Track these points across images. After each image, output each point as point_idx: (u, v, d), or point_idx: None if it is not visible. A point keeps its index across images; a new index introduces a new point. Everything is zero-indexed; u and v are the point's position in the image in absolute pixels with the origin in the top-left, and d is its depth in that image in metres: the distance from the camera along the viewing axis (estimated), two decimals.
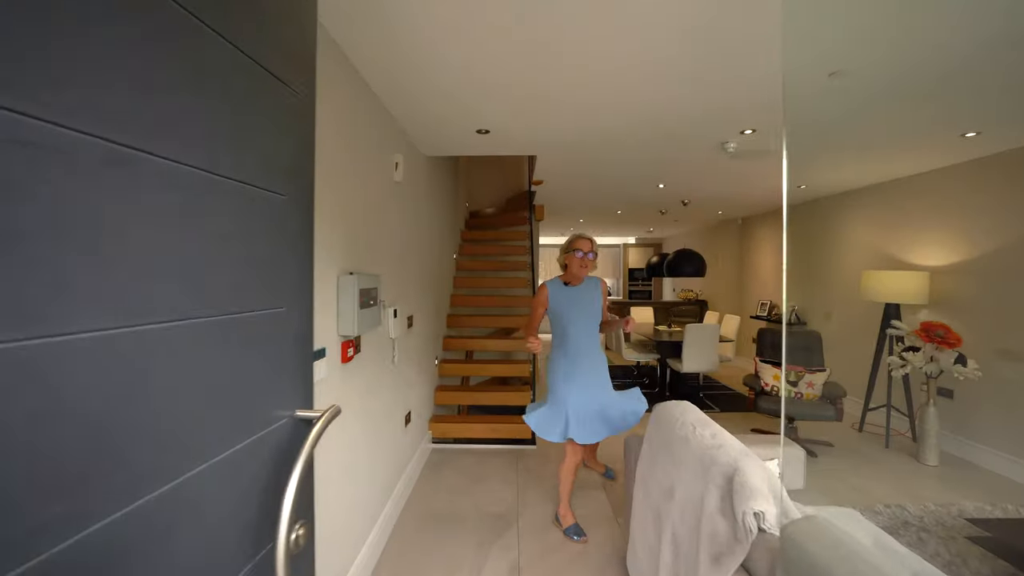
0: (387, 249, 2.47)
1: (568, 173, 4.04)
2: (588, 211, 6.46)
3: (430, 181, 3.59)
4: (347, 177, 1.91)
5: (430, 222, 3.62)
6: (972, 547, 2.26)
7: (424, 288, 3.40)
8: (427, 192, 3.51)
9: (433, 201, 3.73)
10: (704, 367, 4.80)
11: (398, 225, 2.68)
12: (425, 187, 3.45)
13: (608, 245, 11.34)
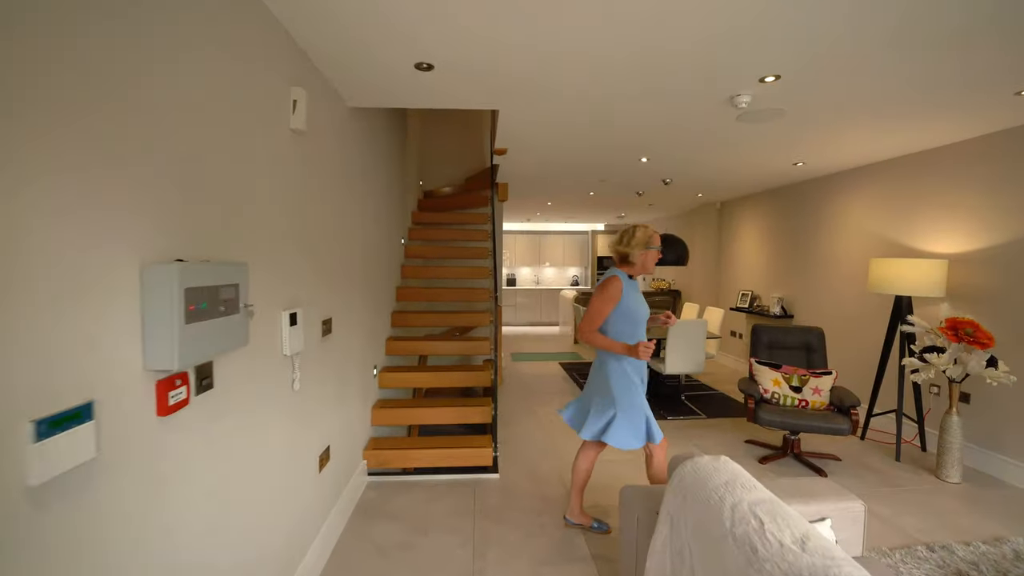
0: (276, 226, 1.67)
1: (536, 141, 3.31)
2: (558, 191, 5.77)
3: (363, 143, 2.78)
4: (182, 93, 1.12)
5: (364, 197, 2.82)
6: None
7: (353, 281, 2.61)
8: (359, 158, 2.70)
9: (370, 171, 2.92)
10: (690, 368, 4.24)
11: (298, 193, 1.87)
12: (355, 150, 2.65)
13: (576, 232, 10.74)
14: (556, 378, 5.54)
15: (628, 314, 2.14)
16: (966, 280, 3.22)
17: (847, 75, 2.14)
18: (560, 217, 8.97)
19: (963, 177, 3.24)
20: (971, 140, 3.17)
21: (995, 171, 3.04)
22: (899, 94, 2.39)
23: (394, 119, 3.61)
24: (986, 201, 3.09)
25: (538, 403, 4.52)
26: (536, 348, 7.49)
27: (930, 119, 2.78)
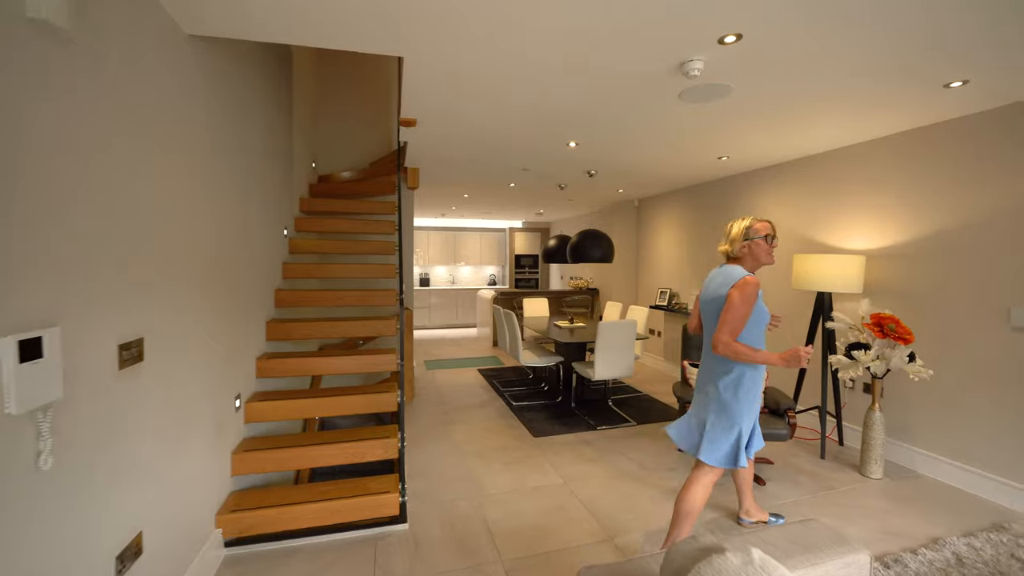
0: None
1: (451, 108, 2.75)
2: (476, 181, 5.24)
3: (220, 97, 2.00)
4: None
5: (220, 170, 2.05)
6: None
7: (194, 283, 1.84)
8: (206, 115, 1.92)
9: (231, 137, 2.15)
10: (620, 372, 3.96)
11: (51, 133, 1.12)
12: (203, 102, 1.88)
13: (493, 229, 10.31)
14: (475, 387, 5.01)
15: (761, 316, 1.93)
16: (882, 276, 3.27)
17: (810, 40, 1.87)
18: (477, 213, 8.45)
19: (880, 175, 3.29)
20: (889, 137, 3.21)
21: (910, 169, 3.10)
22: (850, 75, 2.21)
23: (272, 78, 2.81)
24: (901, 198, 3.15)
25: (456, 420, 3.95)
26: (452, 353, 6.90)
27: (861, 110, 2.71)
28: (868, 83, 2.30)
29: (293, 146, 3.44)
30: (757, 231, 1.99)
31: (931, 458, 2.98)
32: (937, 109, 2.67)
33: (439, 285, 10.04)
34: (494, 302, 7.36)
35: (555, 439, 3.54)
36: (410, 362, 4.68)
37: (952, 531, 2.36)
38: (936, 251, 2.95)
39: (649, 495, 2.70)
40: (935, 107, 2.63)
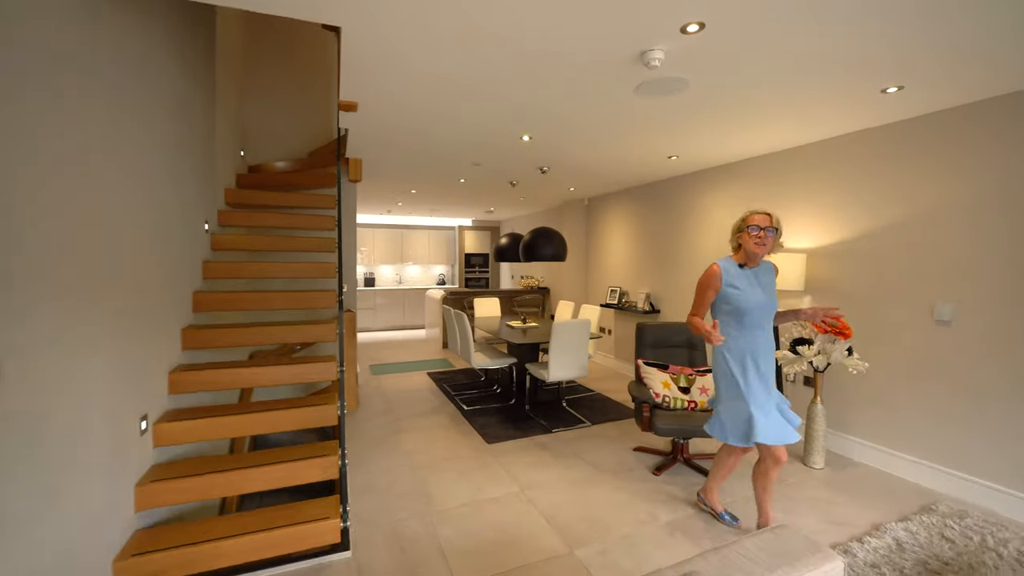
0: None
1: (396, 93, 2.53)
2: (424, 175, 4.99)
3: (121, 61, 1.67)
4: None
5: (120, 147, 1.71)
6: None
7: (74, 285, 1.51)
8: (102, 83, 1.59)
9: (133, 111, 1.80)
10: (574, 372, 3.90)
11: None
12: (99, 63, 1.54)
13: (442, 227, 10.02)
14: (425, 392, 4.77)
15: (726, 302, 2.13)
16: (822, 273, 3.42)
17: (767, 35, 1.85)
18: (425, 210, 8.15)
19: (820, 176, 3.43)
20: (830, 140, 3.35)
21: (849, 171, 3.25)
22: (799, 73, 2.24)
23: (185, 45, 2.44)
24: (840, 199, 3.30)
25: (405, 428, 3.71)
26: (400, 356, 6.59)
27: (805, 113, 2.79)
28: (815, 83, 2.34)
29: (216, 130, 3.05)
30: (745, 222, 2.13)
31: (866, 446, 3.15)
32: (875, 113, 2.80)
33: (385, 285, 9.62)
34: (444, 302, 7.12)
35: (510, 444, 3.41)
36: (353, 368, 4.37)
37: (889, 516, 2.47)
38: (871, 250, 3.11)
39: (608, 499, 2.62)
40: (874, 111, 2.76)
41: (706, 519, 2.43)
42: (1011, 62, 2.08)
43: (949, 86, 2.37)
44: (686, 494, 2.70)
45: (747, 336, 2.12)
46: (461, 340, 4.41)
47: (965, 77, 2.25)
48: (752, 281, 2.14)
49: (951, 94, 2.48)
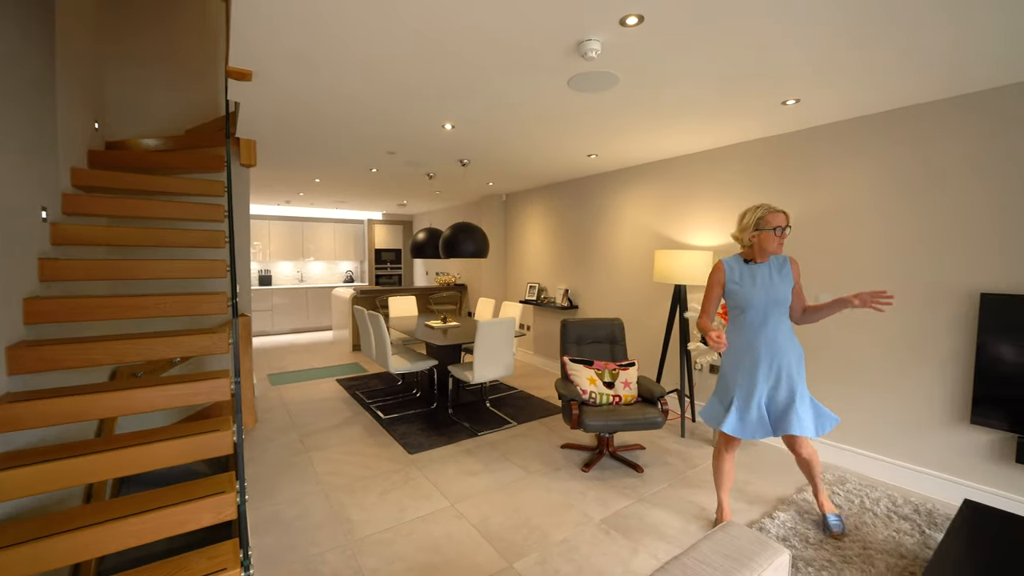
0: None
1: (300, 67, 2.19)
2: (331, 164, 4.53)
3: None
4: None
5: None
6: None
7: None
8: None
9: None
10: (500, 372, 3.80)
11: None
12: None
13: (349, 220, 9.34)
14: (335, 402, 4.35)
15: (732, 298, 2.16)
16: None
17: (699, 35, 1.88)
18: (331, 201, 7.50)
19: (727, 178, 3.69)
20: (737, 145, 3.61)
21: (753, 174, 3.53)
22: (720, 79, 2.34)
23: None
24: (744, 200, 3.57)
25: (314, 446, 3.32)
26: (304, 362, 5.98)
27: (717, 117, 2.95)
28: (730, 90, 2.47)
29: (57, 91, 2.42)
30: (766, 222, 2.07)
31: None
32: (775, 122, 3.05)
33: (284, 283, 8.72)
34: (354, 302, 6.62)
35: (434, 453, 3.21)
36: (249, 379, 3.83)
37: (790, 489, 2.72)
38: None
39: (541, 502, 2.56)
40: (773, 121, 3.00)
41: (638, 514, 2.47)
42: (889, 86, 2.37)
43: (837, 103, 2.65)
44: (615, 489, 2.74)
45: (748, 333, 2.13)
46: (376, 343, 4.08)
47: (851, 96, 2.53)
48: (756, 278, 2.13)
49: (838, 110, 2.78)
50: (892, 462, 2.82)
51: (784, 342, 2.12)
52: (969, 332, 2.54)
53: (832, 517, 2.30)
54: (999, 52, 2.00)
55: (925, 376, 2.69)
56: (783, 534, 2.29)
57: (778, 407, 2.12)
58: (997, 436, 2.47)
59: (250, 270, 3.99)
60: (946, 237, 2.61)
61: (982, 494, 2.50)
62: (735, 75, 2.26)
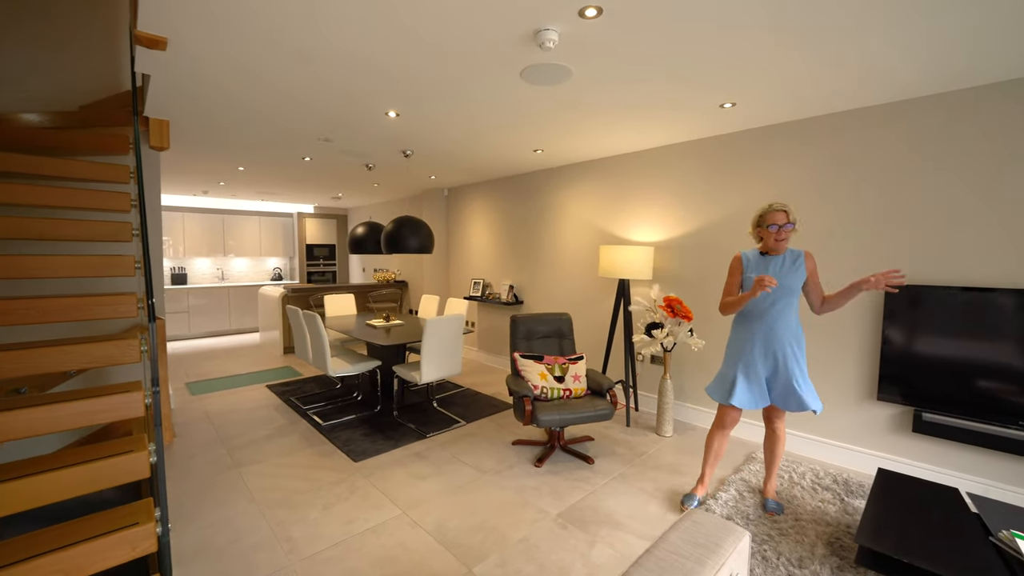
0: None
1: (222, 38, 1.95)
2: (257, 151, 4.15)
3: None
4: None
5: None
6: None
7: None
8: None
9: None
10: (448, 371, 3.69)
11: None
12: None
13: (277, 213, 8.68)
14: (267, 410, 4.01)
15: (746, 285, 2.35)
16: (666, 264, 3.85)
17: (652, 30, 1.90)
18: (256, 192, 6.91)
19: (666, 176, 3.83)
20: (676, 144, 3.75)
21: (689, 173, 3.69)
22: (668, 80, 2.40)
23: None
24: (680, 197, 3.73)
25: (246, 460, 3.03)
26: (228, 368, 5.47)
27: (660, 117, 3.05)
28: (675, 90, 2.55)
29: None
30: (764, 219, 2.25)
31: (702, 411, 3.67)
32: (713, 124, 3.20)
33: (202, 282, 7.94)
34: (285, 301, 6.16)
35: (381, 459, 3.05)
36: (164, 390, 3.42)
37: (728, 470, 2.89)
38: (700, 244, 3.60)
39: (496, 501, 2.51)
40: (711, 122, 3.15)
41: (592, 506, 2.50)
42: (813, 95, 2.56)
43: (767, 108, 2.83)
44: (569, 482, 2.75)
45: (753, 318, 2.30)
46: (313, 345, 3.81)
47: (779, 102, 2.71)
48: (768, 268, 2.28)
49: (768, 115, 2.98)
50: (814, 438, 3.09)
51: (784, 329, 2.26)
52: (876, 319, 2.83)
53: (771, 502, 2.47)
54: (904, 69, 2.22)
55: (841, 360, 2.97)
56: (727, 513, 2.42)
57: (780, 385, 2.28)
58: (898, 410, 2.78)
59: (163, 268, 3.54)
60: (857, 233, 2.89)
61: (886, 461, 2.81)
62: (680, 76, 2.33)
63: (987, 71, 2.26)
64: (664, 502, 2.54)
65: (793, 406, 2.25)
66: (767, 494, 2.52)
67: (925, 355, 2.62)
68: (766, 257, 2.32)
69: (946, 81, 2.39)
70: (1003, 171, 2.42)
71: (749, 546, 1.33)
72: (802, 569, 1.99)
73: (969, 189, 2.52)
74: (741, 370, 2.33)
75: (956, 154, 2.55)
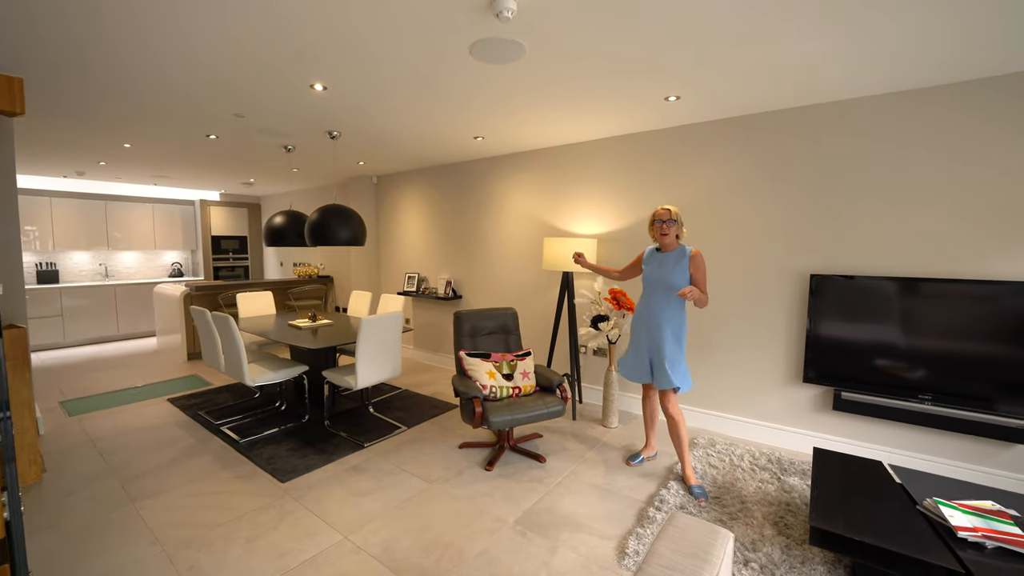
0: None
1: None
2: (150, 125, 3.51)
3: None
4: None
5: None
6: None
7: None
8: None
9: None
10: (388, 373, 3.41)
11: None
12: None
13: (175, 200, 7.62)
14: (169, 428, 3.46)
15: (643, 276, 2.75)
16: (608, 256, 3.85)
17: (611, 8, 1.80)
18: (145, 175, 5.98)
19: (606, 169, 3.81)
20: (618, 137, 3.74)
21: (630, 166, 3.70)
22: (620, 63, 2.32)
23: None
24: (623, 189, 3.74)
25: (144, 492, 2.55)
26: (117, 382, 4.68)
27: (604, 108, 2.99)
28: (625, 80, 2.50)
29: None
30: (654, 218, 2.63)
31: (639, 400, 3.73)
32: (657, 117, 3.22)
33: (80, 280, 6.77)
34: (189, 301, 5.40)
35: (313, 477, 2.73)
36: (28, 414, 2.79)
37: (674, 458, 2.95)
38: (643, 236, 3.64)
39: (449, 513, 2.33)
40: (657, 115, 3.16)
41: (549, 508, 2.41)
42: (752, 93, 2.63)
43: (709, 103, 2.89)
44: (523, 484, 2.64)
45: (642, 304, 2.73)
46: (226, 350, 3.33)
47: (720, 98, 2.76)
48: (657, 263, 2.65)
49: (709, 111, 3.04)
50: (748, 421, 3.25)
51: (662, 316, 2.60)
52: (802, 306, 3.03)
53: (696, 488, 2.54)
54: (837, 71, 2.34)
55: (771, 345, 3.15)
56: (680, 502, 2.44)
57: (657, 364, 2.64)
58: (820, 390, 3.00)
59: (22, 263, 2.85)
60: (787, 226, 3.06)
61: (814, 439, 3.03)
62: (630, 62, 2.26)
63: (905, 79, 2.45)
64: (620, 496, 2.52)
65: (663, 383, 2.59)
66: (688, 481, 2.60)
67: (841, 339, 2.84)
68: (660, 253, 2.67)
69: (877, 85, 2.56)
70: (909, 174, 2.67)
71: (731, 543, 1.29)
72: (756, 552, 2.04)
73: (879, 190, 2.75)
74: (632, 345, 2.78)
75: (873, 157, 2.77)
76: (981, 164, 2.48)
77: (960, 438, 2.63)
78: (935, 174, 2.60)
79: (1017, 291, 2.38)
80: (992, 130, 2.44)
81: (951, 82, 2.51)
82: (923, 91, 2.60)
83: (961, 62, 2.23)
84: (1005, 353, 2.42)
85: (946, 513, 1.80)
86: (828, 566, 1.96)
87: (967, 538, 1.68)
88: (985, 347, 2.47)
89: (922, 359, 2.63)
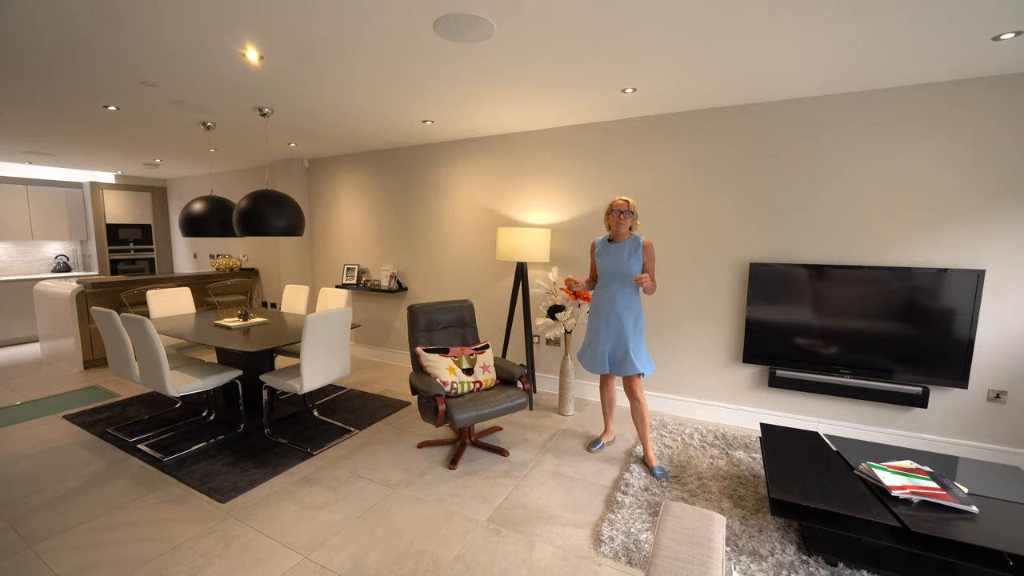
0: None
1: None
2: (26, 90, 2.91)
3: None
4: None
5: None
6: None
7: None
8: None
9: None
10: (336, 374, 3.17)
11: None
12: None
13: (58, 182, 6.50)
14: (69, 450, 2.96)
15: (597, 267, 2.78)
16: (562, 246, 3.86)
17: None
18: (16, 150, 5.02)
19: (559, 158, 3.79)
20: (569, 127, 3.71)
21: (584, 156, 3.70)
22: (578, 54, 2.28)
23: None
24: (577, 179, 3.74)
25: (43, 532, 2.15)
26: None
27: (559, 97, 2.95)
28: (584, 70, 2.46)
29: None
30: (611, 208, 2.68)
31: (595, 387, 3.82)
32: (613, 108, 3.23)
33: None
34: (83, 300, 4.66)
35: (259, 493, 2.47)
36: None
37: (631, 441, 3.05)
38: (597, 226, 3.69)
39: (417, 518, 2.22)
40: (611, 106, 3.17)
41: (520, 502, 2.38)
42: (700, 89, 2.72)
43: (664, 97, 2.95)
44: (490, 480, 2.59)
45: (599, 295, 2.76)
46: (142, 357, 2.91)
47: (672, 92, 2.82)
48: (611, 253, 2.69)
49: (662, 104, 3.11)
50: (695, 401, 3.44)
51: (623, 305, 2.67)
52: (742, 292, 3.24)
53: (657, 469, 2.65)
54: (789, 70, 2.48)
55: (714, 329, 3.34)
56: (644, 484, 2.52)
57: (617, 354, 2.69)
58: (758, 369, 3.25)
59: None
60: (729, 217, 3.24)
61: (755, 414, 3.27)
62: (594, 51, 2.23)
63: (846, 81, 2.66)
64: (586, 484, 2.55)
65: (628, 369, 2.64)
66: (650, 463, 2.70)
67: (775, 321, 3.09)
68: (612, 244, 2.72)
69: (805, 87, 2.75)
70: (831, 172, 2.92)
71: (723, 528, 1.33)
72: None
73: (806, 185, 2.99)
74: (590, 336, 2.82)
75: (804, 155, 3.00)
76: (890, 164, 2.78)
77: (872, 405, 2.97)
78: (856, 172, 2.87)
79: (903, 276, 2.73)
80: (900, 134, 2.74)
81: (862, 90, 2.77)
82: (838, 96, 2.84)
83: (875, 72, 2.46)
84: (896, 329, 2.78)
85: (879, 475, 2.01)
86: (781, 532, 2.12)
87: (899, 496, 1.89)
88: (883, 325, 2.82)
89: (838, 337, 2.94)
